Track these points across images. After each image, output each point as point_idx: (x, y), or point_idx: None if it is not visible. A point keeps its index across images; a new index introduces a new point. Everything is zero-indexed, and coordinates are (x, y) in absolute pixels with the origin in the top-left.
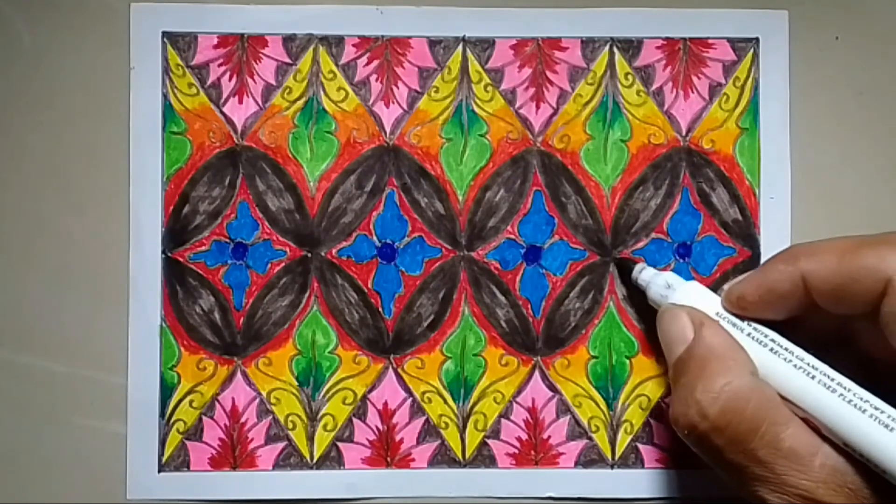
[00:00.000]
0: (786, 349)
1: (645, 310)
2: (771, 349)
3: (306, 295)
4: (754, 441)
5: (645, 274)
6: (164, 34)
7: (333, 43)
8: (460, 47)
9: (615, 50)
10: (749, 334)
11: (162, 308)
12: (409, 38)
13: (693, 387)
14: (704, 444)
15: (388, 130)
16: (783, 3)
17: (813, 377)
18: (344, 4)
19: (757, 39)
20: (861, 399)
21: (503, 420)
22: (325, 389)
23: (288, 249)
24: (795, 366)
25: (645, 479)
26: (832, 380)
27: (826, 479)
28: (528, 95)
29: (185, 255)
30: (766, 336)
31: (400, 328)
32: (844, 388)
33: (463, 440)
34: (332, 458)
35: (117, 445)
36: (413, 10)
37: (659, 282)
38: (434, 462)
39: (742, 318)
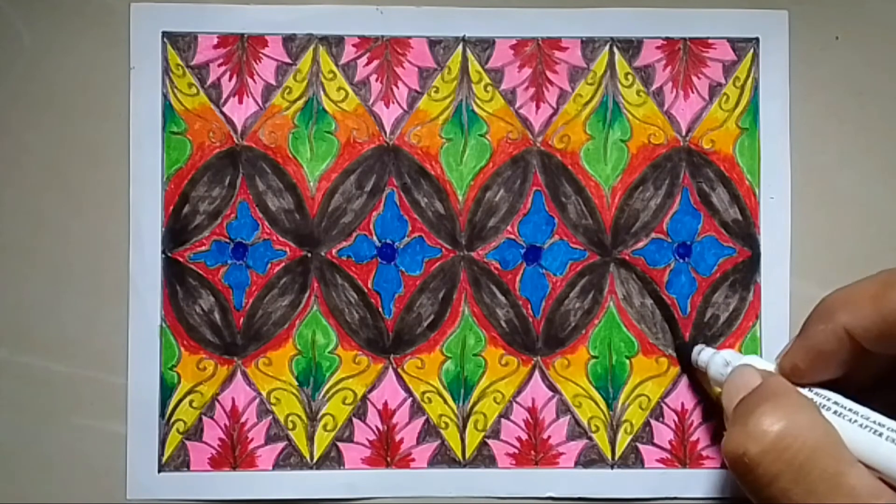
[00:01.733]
0: (850, 410)
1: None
2: (835, 412)
3: (306, 295)
4: (815, 472)
5: (704, 355)
6: (164, 34)
7: (333, 43)
8: (460, 47)
9: (615, 50)
10: (811, 400)
11: (162, 308)
12: (409, 38)
13: (751, 412)
14: (757, 470)
15: (388, 130)
16: (783, 3)
17: (880, 434)
18: (344, 4)
19: (757, 39)
20: None
21: (503, 420)
22: (325, 389)
23: (288, 249)
24: (861, 425)
25: (645, 479)
26: None
27: None
28: (528, 95)
29: (185, 255)
30: (828, 399)
31: (400, 328)
32: None
33: (463, 440)
34: (332, 458)
35: (117, 445)
36: (413, 10)
37: (718, 361)
38: (434, 462)
39: (801, 387)
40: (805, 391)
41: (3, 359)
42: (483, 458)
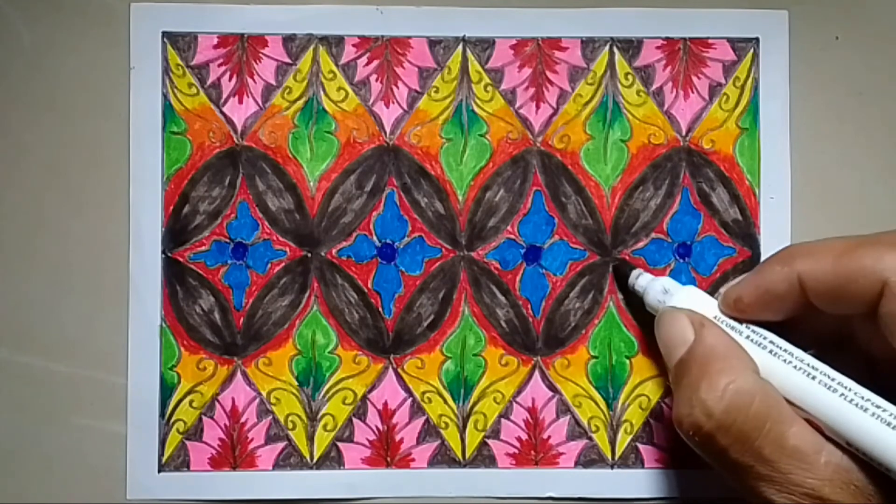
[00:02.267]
0: (785, 350)
1: (642, 313)
2: (770, 351)
3: (306, 295)
4: (759, 439)
5: (642, 279)
6: (164, 34)
7: (333, 43)
8: (460, 47)
9: (615, 50)
10: (748, 337)
11: (162, 308)
12: (409, 38)
13: (696, 387)
14: (709, 444)
15: (388, 130)
16: (783, 3)
17: (813, 378)
18: (344, 4)
19: (757, 39)
20: (862, 398)
21: (503, 420)
22: (325, 389)
23: (288, 249)
24: (795, 367)
25: (645, 479)
26: (832, 379)
27: (831, 476)
28: (528, 95)
29: (185, 255)
30: (764, 338)
31: (400, 328)
32: (845, 388)
33: (463, 440)
34: (332, 458)
35: (117, 445)
36: (413, 10)
37: (656, 287)
38: (434, 462)
39: (740, 321)
40: (741, 327)
41: (3, 359)
42: (483, 458)
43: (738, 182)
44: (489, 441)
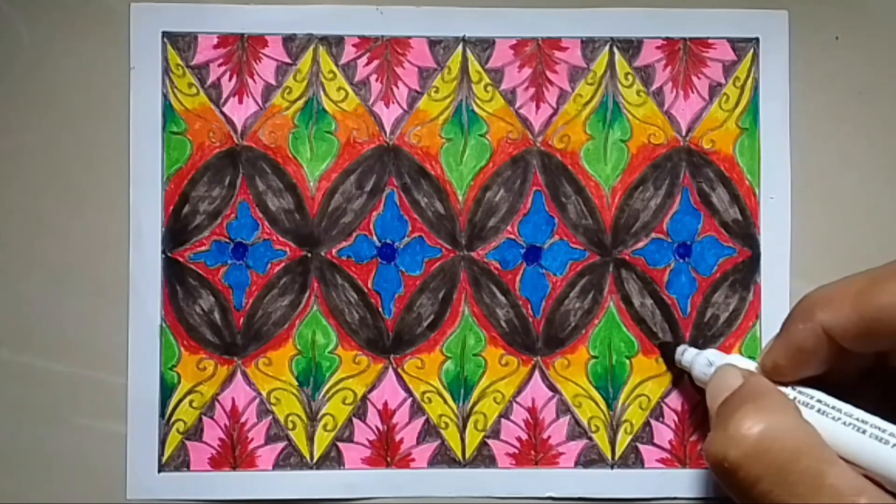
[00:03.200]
0: (833, 407)
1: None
2: (818, 410)
3: (306, 295)
4: (795, 473)
5: (687, 355)
6: (164, 34)
7: (333, 43)
8: (460, 47)
9: (615, 50)
10: (794, 398)
11: (162, 308)
12: (409, 38)
13: (731, 416)
14: (738, 474)
15: (388, 130)
16: (783, 3)
17: (864, 431)
18: (344, 4)
19: (757, 39)
20: None
21: (503, 420)
22: (325, 389)
23: (288, 249)
24: (845, 423)
25: (645, 479)
26: (884, 431)
27: None
28: (528, 95)
29: (185, 255)
30: (811, 398)
31: (400, 328)
32: None
33: (463, 440)
34: (332, 458)
35: (117, 445)
36: (413, 10)
37: (701, 361)
38: (434, 462)
39: (784, 384)
40: (787, 390)
41: (3, 359)
42: (483, 458)
43: (738, 182)
44: (489, 441)
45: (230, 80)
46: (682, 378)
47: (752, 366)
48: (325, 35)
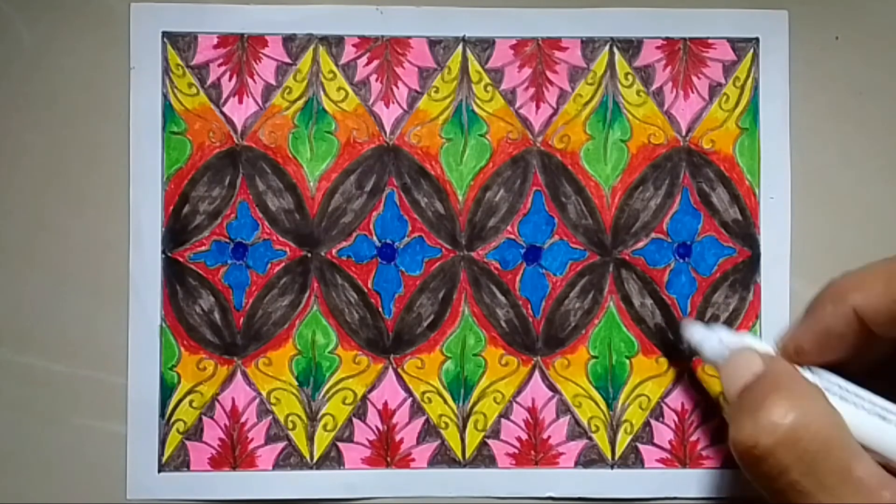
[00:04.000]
0: (855, 394)
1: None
2: (840, 396)
3: (306, 295)
4: (825, 463)
5: (695, 333)
6: (164, 34)
7: (333, 43)
8: (460, 47)
9: (615, 50)
10: (815, 383)
11: (162, 308)
12: (409, 38)
13: (760, 404)
14: (769, 461)
15: (388, 130)
16: (783, 3)
17: (885, 419)
18: (344, 4)
19: (757, 39)
20: None
21: (503, 420)
22: (325, 389)
23: (288, 249)
24: (868, 410)
25: (645, 479)
26: None
27: None
28: (528, 95)
29: (185, 255)
30: (830, 382)
31: (400, 328)
32: None
33: (463, 440)
34: (332, 458)
35: (117, 445)
36: (413, 10)
37: (712, 339)
38: (434, 462)
39: (801, 367)
40: (807, 373)
41: (3, 359)
42: (483, 458)
43: (738, 182)
44: (489, 441)
45: (230, 80)
46: (682, 377)
47: (767, 348)
48: (325, 35)
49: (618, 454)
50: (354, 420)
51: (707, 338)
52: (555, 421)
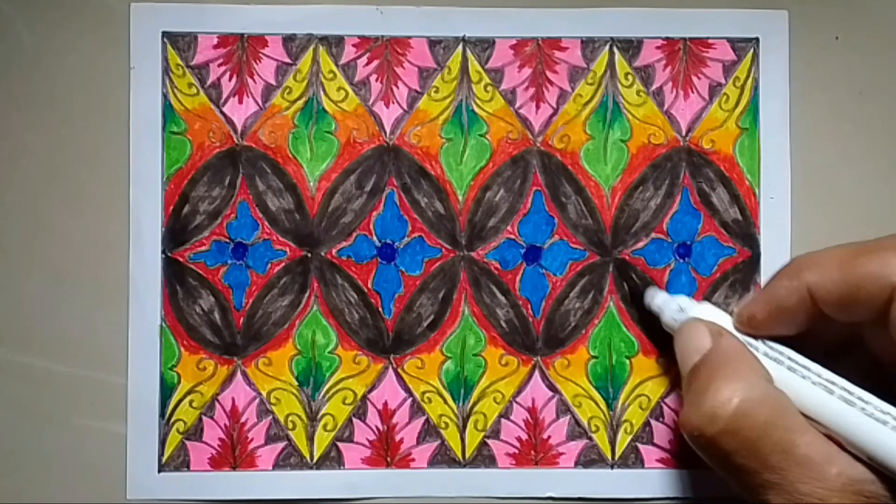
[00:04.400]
0: (802, 366)
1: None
2: (788, 367)
3: (306, 295)
4: (767, 446)
5: (657, 299)
6: (164, 34)
7: (333, 43)
8: (460, 47)
9: (615, 50)
10: (765, 353)
11: (162, 308)
12: (409, 38)
13: (705, 390)
14: (714, 448)
15: (388, 130)
16: (783, 3)
17: (831, 392)
18: (344, 4)
19: (757, 39)
20: (882, 411)
21: (503, 420)
22: (325, 389)
23: (288, 249)
24: (813, 382)
25: (645, 479)
26: (851, 393)
27: (842, 487)
28: (528, 95)
29: (185, 255)
30: (781, 353)
31: (400, 328)
32: (864, 402)
33: (463, 440)
34: (332, 458)
35: (117, 445)
36: (413, 10)
37: (672, 306)
38: (434, 462)
39: (756, 338)
40: (758, 343)
41: (3, 359)
42: (483, 458)
43: (738, 182)
44: (489, 441)
45: (230, 80)
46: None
47: (724, 316)
48: (325, 35)
49: (618, 454)
50: (354, 420)
51: (667, 304)
52: (555, 421)
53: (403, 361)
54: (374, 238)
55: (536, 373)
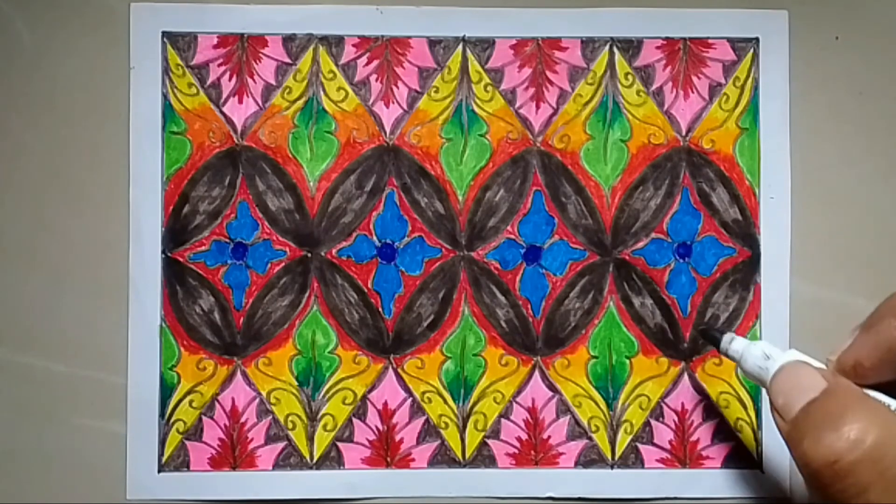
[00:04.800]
0: None
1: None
2: None
3: (306, 295)
4: None
5: (736, 345)
6: (164, 34)
7: (333, 43)
8: (460, 47)
9: (615, 50)
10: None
11: (162, 308)
12: (409, 38)
13: (842, 418)
14: (848, 479)
15: (388, 130)
16: (783, 3)
17: None
18: (344, 4)
19: (757, 39)
20: None
21: (503, 420)
22: (324, 389)
23: (288, 249)
24: None
25: (645, 479)
26: None
27: None
28: (528, 95)
29: (185, 255)
30: (884, 403)
31: (400, 328)
32: None
33: (463, 440)
34: (332, 458)
35: (117, 445)
36: (413, 10)
37: (755, 352)
38: (434, 462)
39: (861, 386)
40: (868, 391)
41: (3, 359)
42: (483, 458)
43: (738, 182)
44: (489, 441)
45: (230, 80)
46: (681, 377)
47: (817, 363)
48: (325, 35)
49: (618, 454)
50: (354, 420)
51: (749, 351)
52: (555, 421)
53: (403, 361)
54: (374, 238)
55: (536, 373)
